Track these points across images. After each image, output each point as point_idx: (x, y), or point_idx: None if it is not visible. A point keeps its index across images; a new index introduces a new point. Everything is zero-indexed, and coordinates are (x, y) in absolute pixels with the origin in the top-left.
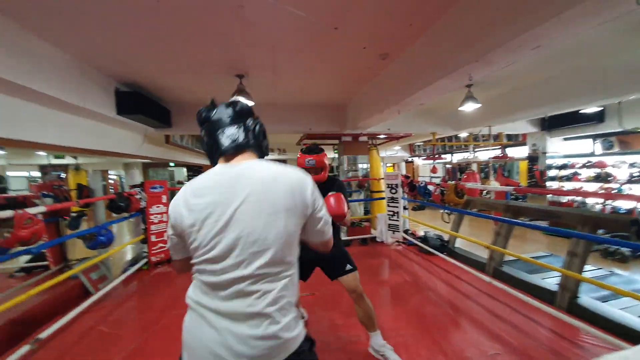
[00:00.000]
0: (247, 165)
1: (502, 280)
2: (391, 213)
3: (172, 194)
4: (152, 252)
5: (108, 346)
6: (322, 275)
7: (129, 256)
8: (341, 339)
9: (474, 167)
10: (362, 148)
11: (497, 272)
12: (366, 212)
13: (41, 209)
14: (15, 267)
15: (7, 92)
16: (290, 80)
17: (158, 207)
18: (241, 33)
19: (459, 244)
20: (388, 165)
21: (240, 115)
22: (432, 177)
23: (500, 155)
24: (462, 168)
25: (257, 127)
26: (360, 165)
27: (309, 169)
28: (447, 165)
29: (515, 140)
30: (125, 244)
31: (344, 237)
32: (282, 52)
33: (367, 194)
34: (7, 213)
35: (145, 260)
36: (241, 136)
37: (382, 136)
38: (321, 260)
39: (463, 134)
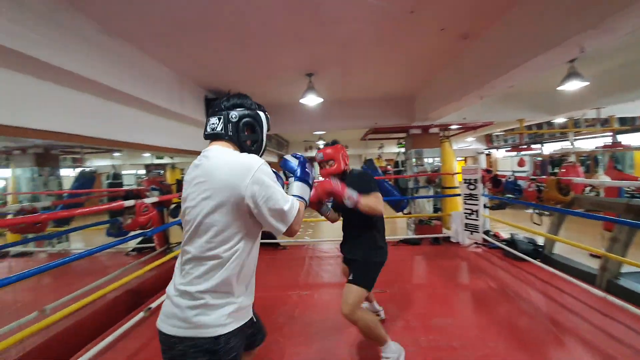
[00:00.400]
0: (211, 152)
1: (619, 295)
2: (469, 211)
3: None
4: None
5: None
6: (395, 272)
7: None
8: (418, 343)
9: (572, 158)
10: (432, 140)
11: (612, 285)
12: (436, 209)
13: (154, 199)
14: (130, 247)
15: (127, 103)
16: (358, 75)
17: None
18: (315, 32)
19: (557, 250)
20: (459, 159)
21: (227, 108)
22: (515, 171)
23: (611, 143)
24: (554, 161)
25: (241, 121)
26: (426, 160)
27: (320, 164)
28: (536, 158)
29: (632, 124)
30: None
31: (411, 235)
32: (353, 47)
33: (435, 191)
34: (130, 202)
35: None
36: (219, 126)
37: (454, 127)
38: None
39: (559, 120)
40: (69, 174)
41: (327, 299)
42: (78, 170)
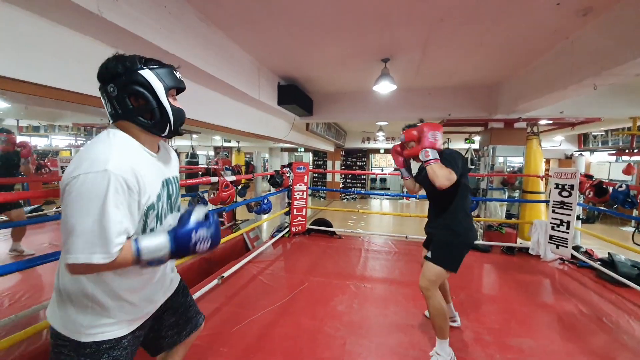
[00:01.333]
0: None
1: None
2: (557, 222)
3: (309, 176)
4: (293, 223)
5: (267, 294)
6: (463, 279)
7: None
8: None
9: None
10: (516, 137)
11: None
12: (509, 215)
13: (232, 177)
14: None
15: (213, 87)
16: (439, 60)
17: (300, 185)
18: (402, 9)
19: None
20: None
21: (103, 80)
22: (611, 180)
23: None
24: None
25: (120, 94)
26: (498, 159)
27: (402, 145)
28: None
29: None
30: (276, 214)
31: (480, 241)
32: (443, 26)
33: (510, 194)
34: (215, 179)
35: (287, 229)
36: (108, 108)
37: (543, 122)
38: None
39: None
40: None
41: (384, 294)
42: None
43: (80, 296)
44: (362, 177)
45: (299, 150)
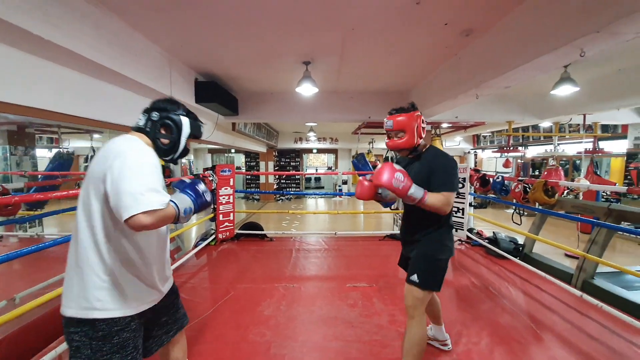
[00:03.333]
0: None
1: (594, 295)
2: (455, 209)
3: (241, 178)
4: (220, 229)
5: (187, 310)
6: (382, 267)
7: (193, 233)
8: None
9: (551, 162)
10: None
11: (587, 285)
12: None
13: None
14: None
15: (114, 82)
16: (357, 66)
17: (226, 189)
18: (320, 16)
19: (536, 249)
20: None
21: (154, 108)
22: (498, 172)
23: (592, 149)
24: (535, 163)
25: (161, 121)
26: None
27: (388, 133)
28: (519, 160)
29: (613, 132)
30: (197, 222)
31: (397, 230)
32: (357, 34)
33: None
34: None
35: (213, 236)
36: (140, 121)
37: (445, 125)
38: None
39: (545, 124)
40: (44, 154)
41: (314, 292)
42: (55, 150)
43: (98, 271)
44: (297, 177)
45: (231, 151)
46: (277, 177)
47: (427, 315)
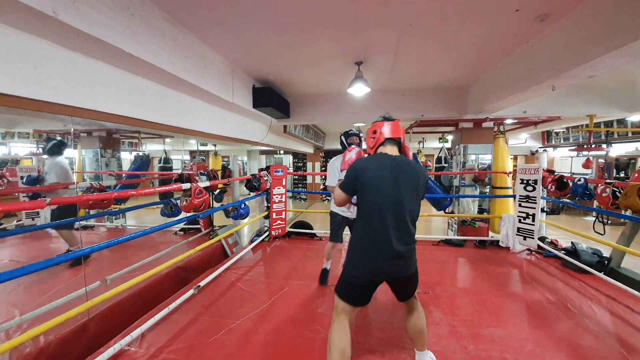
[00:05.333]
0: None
1: None
2: (523, 214)
3: (289, 178)
4: (273, 227)
5: (246, 301)
6: (439, 274)
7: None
8: (467, 351)
9: None
10: (485, 136)
11: None
12: (481, 210)
13: (206, 183)
14: (178, 227)
15: (184, 91)
16: (412, 63)
17: (279, 188)
18: (375, 13)
19: (626, 264)
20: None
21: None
22: (573, 173)
23: None
24: (619, 164)
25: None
26: (470, 156)
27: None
28: (600, 160)
29: None
30: (254, 218)
31: (452, 235)
32: (414, 30)
33: (482, 190)
34: (187, 185)
35: (267, 233)
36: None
37: (509, 121)
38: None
39: (634, 118)
40: (126, 157)
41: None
42: (135, 153)
43: None
44: None
45: (279, 152)
46: (323, 177)
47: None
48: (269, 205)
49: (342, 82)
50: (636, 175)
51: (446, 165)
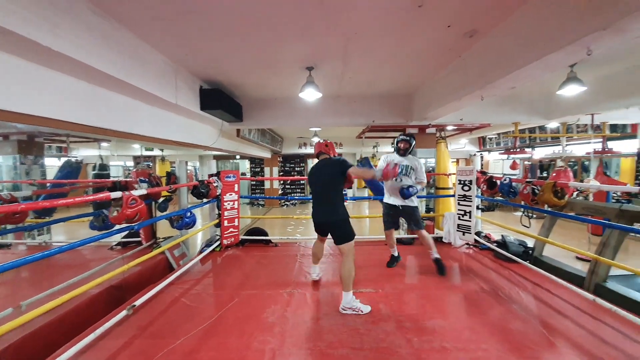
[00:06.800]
0: None
1: (607, 298)
2: (462, 212)
3: (246, 184)
4: (225, 235)
5: (190, 317)
6: (388, 272)
7: (199, 239)
8: (411, 344)
9: (559, 163)
10: (428, 141)
11: (600, 288)
12: (428, 210)
13: (142, 191)
14: (114, 241)
15: (120, 91)
16: (359, 70)
17: (231, 195)
18: (321, 21)
19: (546, 252)
20: (452, 160)
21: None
22: (505, 174)
23: (602, 149)
24: (543, 165)
25: None
26: (421, 160)
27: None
28: (526, 162)
29: (623, 131)
30: (203, 227)
31: (403, 234)
32: (358, 39)
33: (428, 191)
34: (117, 194)
35: (218, 242)
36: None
37: (450, 128)
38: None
39: (552, 125)
40: (54, 163)
41: (319, 298)
42: (63, 159)
43: None
44: (302, 182)
45: (236, 157)
46: (281, 182)
47: None
48: (220, 212)
49: (295, 87)
50: (553, 174)
51: None
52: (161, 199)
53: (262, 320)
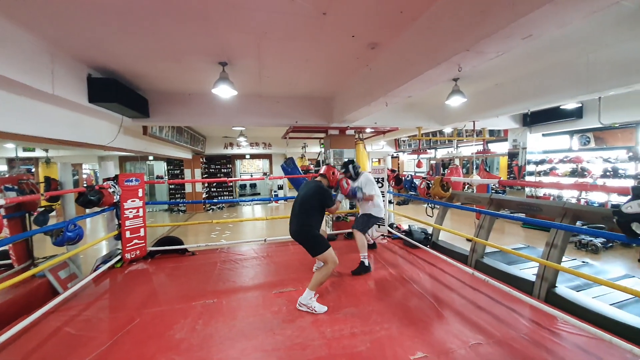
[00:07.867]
0: None
1: (483, 271)
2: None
3: (150, 188)
4: (127, 248)
5: (75, 348)
6: (310, 269)
7: (102, 253)
8: (324, 335)
9: (456, 162)
10: (348, 142)
11: (478, 264)
12: (352, 206)
13: (1, 201)
14: None
15: None
16: (275, 70)
17: (133, 201)
18: (225, 16)
19: (442, 237)
20: (374, 160)
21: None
22: (416, 171)
23: (482, 150)
24: (445, 163)
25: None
26: (339, 160)
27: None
28: (431, 161)
29: (498, 135)
30: (96, 241)
31: (329, 231)
32: (269, 39)
33: None
34: None
35: (119, 257)
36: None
37: (368, 130)
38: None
39: (448, 129)
40: None
41: (236, 304)
42: None
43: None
44: (229, 184)
45: (149, 159)
46: (206, 185)
47: None
48: (120, 222)
49: (209, 82)
50: (448, 171)
51: (320, 168)
52: (40, 209)
53: (166, 338)
